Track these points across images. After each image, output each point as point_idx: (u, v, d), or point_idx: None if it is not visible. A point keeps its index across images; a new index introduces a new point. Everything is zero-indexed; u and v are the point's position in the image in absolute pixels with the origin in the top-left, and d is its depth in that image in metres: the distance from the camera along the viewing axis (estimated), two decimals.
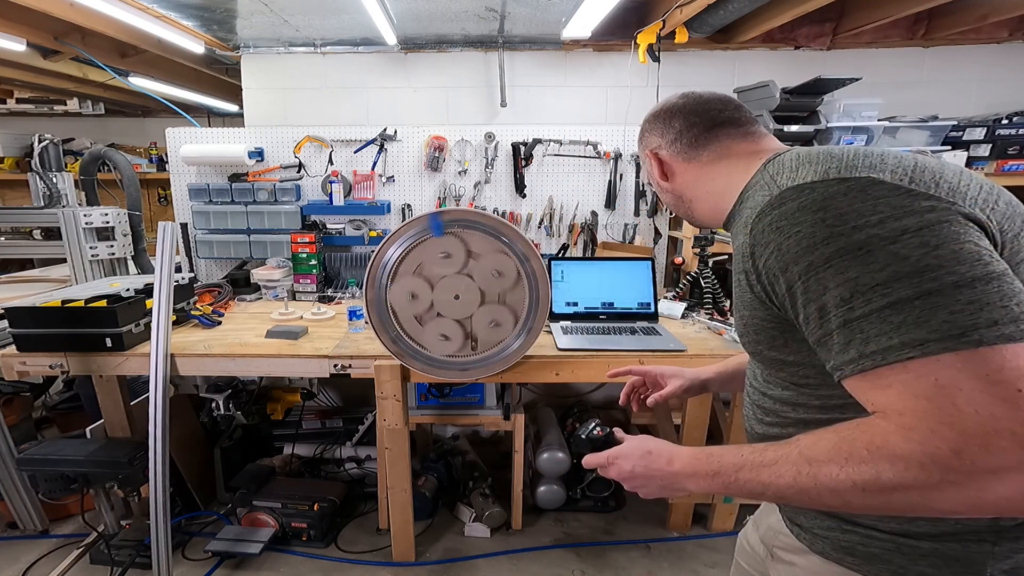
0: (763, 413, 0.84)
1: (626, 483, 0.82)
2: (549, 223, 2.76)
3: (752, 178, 0.78)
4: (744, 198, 0.79)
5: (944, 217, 0.57)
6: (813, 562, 0.81)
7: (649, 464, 0.78)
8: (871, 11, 2.34)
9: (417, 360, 1.82)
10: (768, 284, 0.68)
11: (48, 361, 1.90)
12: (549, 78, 2.84)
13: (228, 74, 3.68)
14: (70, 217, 2.36)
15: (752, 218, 0.69)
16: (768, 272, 0.66)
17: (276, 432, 2.70)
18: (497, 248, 1.71)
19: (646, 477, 0.79)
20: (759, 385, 0.86)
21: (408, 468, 1.98)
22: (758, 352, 0.80)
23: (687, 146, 0.89)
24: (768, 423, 0.83)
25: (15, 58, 2.81)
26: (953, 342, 0.52)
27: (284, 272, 2.66)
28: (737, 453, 0.69)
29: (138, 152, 4.86)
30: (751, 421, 0.89)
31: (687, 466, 0.74)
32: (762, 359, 0.81)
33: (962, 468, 0.52)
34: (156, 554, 1.85)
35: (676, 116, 0.90)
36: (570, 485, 2.40)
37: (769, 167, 0.75)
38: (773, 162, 0.76)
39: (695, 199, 0.91)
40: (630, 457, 0.80)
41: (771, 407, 0.82)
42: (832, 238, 0.59)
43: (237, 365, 1.92)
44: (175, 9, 2.29)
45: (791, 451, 0.63)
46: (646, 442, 0.81)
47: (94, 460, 1.94)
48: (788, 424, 0.79)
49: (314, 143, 2.71)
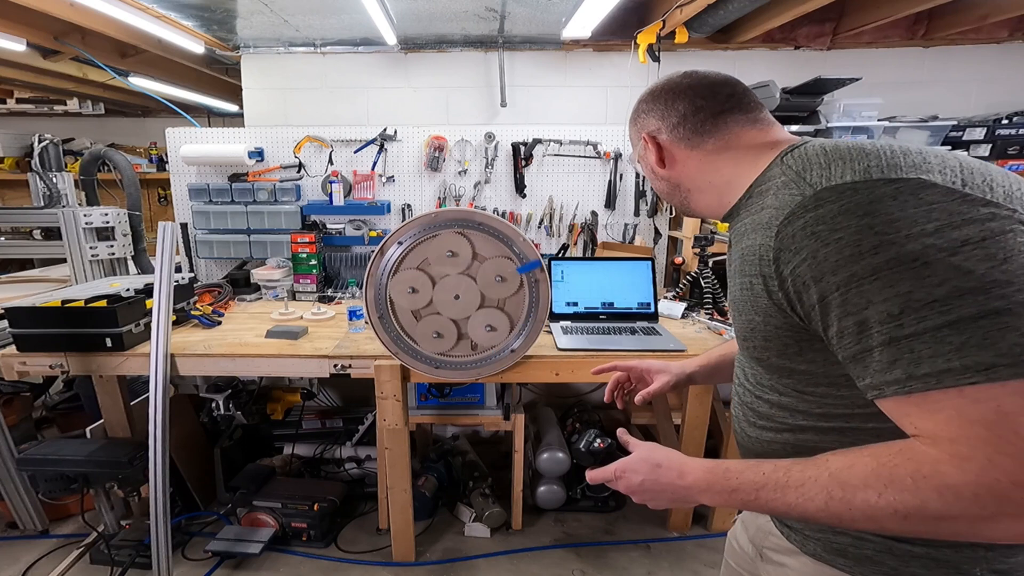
0: (755, 416, 0.82)
1: (635, 496, 0.78)
2: (549, 223, 2.76)
3: (765, 172, 0.73)
4: (755, 192, 0.73)
5: (1007, 226, 0.52)
6: (804, 563, 0.80)
7: (659, 478, 0.74)
8: (871, 11, 2.34)
9: (417, 359, 1.82)
10: (794, 292, 0.62)
11: (48, 361, 1.90)
12: (549, 78, 2.84)
13: (228, 74, 3.68)
14: (70, 217, 2.36)
15: (779, 220, 0.62)
16: (796, 280, 0.61)
17: (276, 432, 2.70)
18: (502, 253, 1.71)
19: (656, 491, 0.75)
20: (752, 387, 0.83)
21: (408, 468, 1.98)
22: (764, 358, 0.76)
23: (691, 132, 0.81)
24: (761, 426, 0.81)
25: (15, 58, 2.81)
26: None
27: (284, 272, 2.66)
28: (757, 470, 0.66)
29: (138, 152, 4.86)
30: (741, 423, 0.87)
31: (700, 480, 0.71)
32: (766, 365, 0.77)
33: (1023, 500, 0.49)
34: (156, 554, 1.85)
35: (680, 97, 0.82)
36: (570, 485, 2.40)
37: (789, 160, 0.69)
38: (792, 155, 0.70)
39: (694, 190, 0.84)
40: (638, 471, 0.76)
41: (766, 411, 0.80)
42: (881, 247, 0.53)
43: (237, 365, 1.92)
44: (175, 9, 2.29)
45: (820, 473, 0.60)
46: (654, 453, 0.77)
47: (94, 460, 1.94)
48: (783, 429, 0.77)
49: (314, 143, 2.71)
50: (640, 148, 0.88)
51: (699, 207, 0.87)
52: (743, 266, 0.72)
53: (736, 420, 0.89)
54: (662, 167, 0.86)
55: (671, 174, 0.86)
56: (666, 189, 0.89)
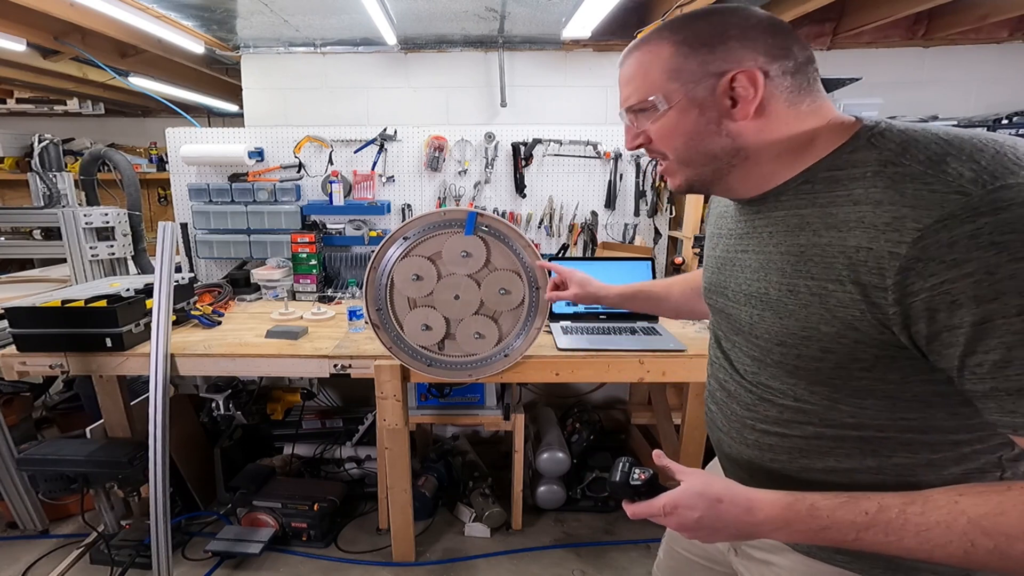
0: (754, 418, 0.77)
1: (687, 533, 0.69)
2: (549, 223, 2.76)
3: (839, 152, 0.63)
4: (819, 178, 0.64)
5: None
6: (796, 560, 0.77)
7: (721, 514, 0.65)
8: (871, 11, 2.34)
9: (416, 359, 1.82)
10: (923, 309, 0.54)
11: (48, 361, 1.90)
12: (549, 78, 2.84)
13: (228, 74, 3.68)
14: (70, 217, 2.36)
15: (920, 223, 0.53)
16: (939, 296, 0.52)
17: (276, 432, 2.70)
18: (514, 268, 1.71)
19: (716, 528, 0.66)
20: (754, 387, 0.76)
21: (408, 468, 1.98)
22: (805, 367, 0.67)
23: (800, 85, 0.65)
24: (762, 430, 0.76)
25: (15, 58, 2.81)
26: None
27: (284, 272, 2.66)
28: (855, 509, 0.59)
29: (138, 152, 4.86)
30: (731, 424, 0.82)
31: (775, 518, 0.63)
32: (800, 374, 0.69)
33: None
34: (156, 554, 1.85)
35: (791, 38, 0.65)
36: (570, 485, 2.40)
37: (891, 145, 0.60)
38: (884, 137, 0.61)
39: (753, 159, 0.68)
40: (694, 507, 0.66)
41: (774, 415, 0.73)
42: None
43: (237, 365, 1.92)
44: (175, 9, 2.29)
45: (952, 519, 0.54)
46: (711, 486, 0.66)
47: (94, 460, 1.94)
48: (792, 435, 0.72)
49: (314, 143, 2.71)
50: (703, 87, 0.65)
51: (736, 183, 0.72)
52: (803, 266, 0.64)
53: (721, 419, 0.85)
54: (743, 117, 0.66)
55: (748, 131, 0.66)
56: (717, 151, 0.68)
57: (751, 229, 0.74)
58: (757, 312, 0.72)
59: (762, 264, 0.71)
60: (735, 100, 0.65)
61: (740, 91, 0.64)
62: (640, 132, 0.73)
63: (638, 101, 0.70)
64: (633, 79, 0.71)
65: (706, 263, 0.91)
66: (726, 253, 0.81)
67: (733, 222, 0.80)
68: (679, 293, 1.18)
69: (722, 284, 0.82)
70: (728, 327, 0.82)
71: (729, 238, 0.81)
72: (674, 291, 1.19)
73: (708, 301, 0.89)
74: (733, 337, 0.81)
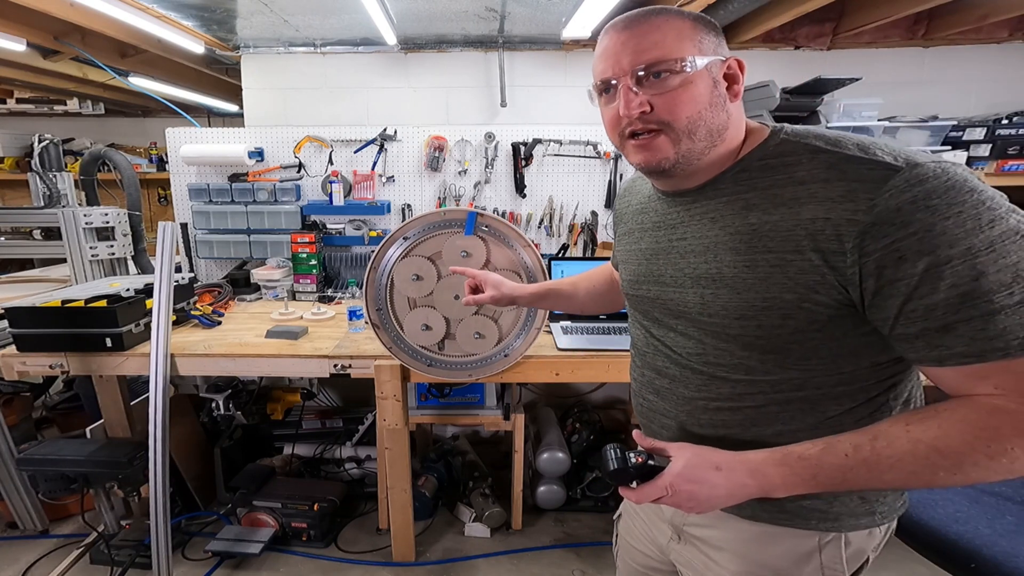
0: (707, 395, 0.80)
1: (693, 508, 0.71)
2: (549, 223, 2.76)
3: (762, 146, 0.72)
4: (754, 167, 0.72)
5: None
6: (739, 529, 0.83)
7: (722, 481, 0.69)
8: (871, 11, 2.34)
9: (416, 359, 1.82)
10: (875, 267, 0.62)
11: (48, 361, 1.90)
12: (549, 78, 2.84)
13: (228, 74, 3.68)
14: (70, 217, 2.36)
15: (871, 193, 0.61)
16: (890, 253, 0.60)
17: (276, 432, 2.70)
18: (515, 268, 1.71)
19: (719, 497, 0.70)
20: (702, 366, 0.79)
21: (408, 468, 1.98)
22: (762, 337, 0.72)
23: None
24: (716, 407, 0.79)
25: (15, 58, 2.81)
26: None
27: (284, 272, 2.66)
28: (836, 452, 0.65)
29: (138, 152, 4.86)
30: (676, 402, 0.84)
31: (774, 476, 0.67)
32: (756, 344, 0.73)
33: None
34: (156, 554, 1.85)
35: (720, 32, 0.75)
36: (570, 485, 2.40)
37: (812, 138, 0.70)
38: (797, 131, 0.72)
39: (721, 144, 0.74)
40: (697, 479, 0.69)
41: (727, 391, 0.78)
42: (996, 221, 0.58)
43: (237, 365, 1.92)
44: (175, 9, 2.29)
45: (914, 447, 0.62)
46: (705, 455, 0.71)
47: (94, 460, 1.94)
48: (745, 407, 0.77)
49: (314, 143, 2.71)
50: (717, 63, 0.72)
51: (700, 167, 0.75)
52: (758, 241, 0.70)
53: (665, 407, 0.87)
54: (736, 98, 0.74)
55: (734, 114, 0.74)
56: (718, 126, 0.72)
57: (686, 218, 0.79)
58: (710, 292, 0.76)
59: (707, 247, 0.76)
60: (731, 82, 0.73)
61: (733, 74, 0.73)
62: (644, 99, 0.71)
63: (668, 59, 0.69)
64: (662, 41, 0.69)
65: (625, 257, 0.94)
66: (656, 244, 0.85)
67: (659, 215, 0.85)
68: (585, 291, 1.24)
69: (655, 273, 0.85)
70: (664, 313, 0.85)
71: (657, 230, 0.85)
72: (580, 288, 1.25)
73: (634, 292, 0.91)
74: (671, 322, 0.84)
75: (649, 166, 0.75)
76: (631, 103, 0.71)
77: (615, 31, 0.72)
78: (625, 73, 0.70)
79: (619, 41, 0.71)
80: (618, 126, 0.74)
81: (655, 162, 0.73)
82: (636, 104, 0.70)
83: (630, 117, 0.71)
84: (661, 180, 0.81)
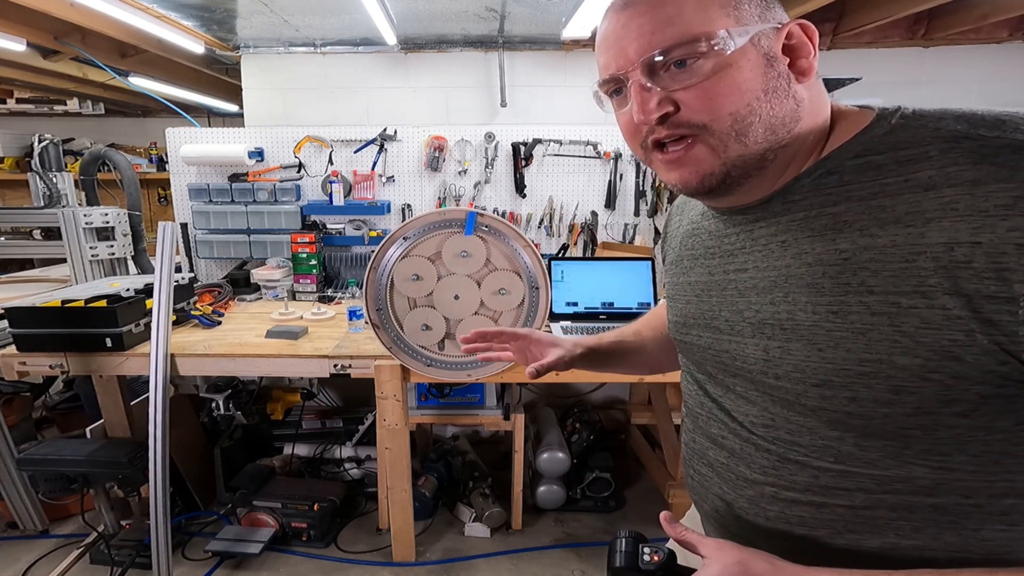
0: (776, 483, 0.59)
1: None
2: (549, 223, 2.76)
3: (865, 132, 0.51)
4: (846, 167, 0.51)
5: None
6: None
7: None
8: (871, 11, 2.34)
9: (416, 359, 1.82)
10: None
11: (48, 361, 1.90)
12: (549, 78, 2.84)
13: (228, 74, 3.68)
14: (70, 217, 2.36)
15: None
16: None
17: (276, 432, 2.70)
18: (514, 268, 1.71)
19: None
20: (773, 445, 0.58)
21: (408, 468, 1.98)
22: (876, 416, 0.50)
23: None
24: (787, 499, 0.58)
25: (15, 58, 2.81)
26: None
27: (284, 272, 2.66)
28: None
29: (138, 152, 4.86)
30: (737, 488, 0.63)
31: None
32: (865, 425, 0.51)
33: None
34: (156, 554, 1.85)
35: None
36: (570, 485, 2.40)
37: (930, 121, 0.48)
38: (925, 114, 0.49)
39: (793, 140, 0.53)
40: None
41: (803, 481, 0.56)
42: None
43: (237, 365, 1.92)
44: (175, 9, 2.29)
45: None
46: (754, 565, 0.51)
47: (94, 460, 1.94)
48: (832, 503, 0.55)
49: (314, 143, 2.71)
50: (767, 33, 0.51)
51: (763, 176, 0.55)
52: (852, 277, 0.49)
53: (722, 486, 0.65)
54: (810, 73, 0.53)
55: (806, 98, 0.53)
56: (783, 118, 0.52)
57: (747, 243, 0.59)
58: (777, 344, 0.55)
59: (774, 283, 0.56)
60: (794, 56, 0.52)
61: (798, 45, 0.52)
62: (665, 97, 0.52)
63: (690, 38, 0.50)
64: (678, 15, 0.50)
65: (672, 292, 0.75)
66: (709, 276, 0.65)
67: (714, 238, 0.65)
68: (651, 340, 0.93)
69: (706, 315, 0.65)
70: (718, 368, 0.65)
71: (711, 257, 0.65)
72: (645, 336, 0.94)
73: (682, 338, 0.71)
74: (727, 380, 0.64)
75: (688, 187, 0.56)
76: (646, 104, 0.53)
77: (615, 11, 0.55)
78: (634, 65, 0.53)
79: (621, 23, 0.54)
80: (638, 135, 0.57)
81: (695, 182, 0.55)
82: (654, 105, 0.52)
83: (649, 123, 0.54)
84: (711, 199, 0.61)
